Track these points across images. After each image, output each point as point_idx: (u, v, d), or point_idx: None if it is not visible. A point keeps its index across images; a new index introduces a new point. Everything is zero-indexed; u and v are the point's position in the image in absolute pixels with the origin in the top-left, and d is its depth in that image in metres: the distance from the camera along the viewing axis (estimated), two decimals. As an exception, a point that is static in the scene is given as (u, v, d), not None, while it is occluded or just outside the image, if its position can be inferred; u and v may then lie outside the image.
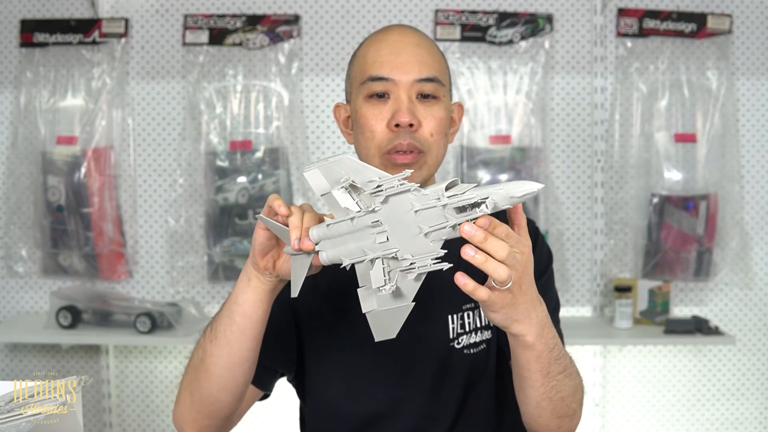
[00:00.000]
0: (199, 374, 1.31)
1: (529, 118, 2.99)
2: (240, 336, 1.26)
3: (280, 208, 1.17)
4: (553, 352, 1.21)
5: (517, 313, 1.13)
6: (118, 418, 3.16)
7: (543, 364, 1.20)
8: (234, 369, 1.29)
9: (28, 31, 3.03)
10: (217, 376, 1.30)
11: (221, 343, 1.27)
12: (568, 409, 1.27)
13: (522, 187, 1.04)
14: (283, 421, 3.12)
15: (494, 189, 1.03)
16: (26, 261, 3.07)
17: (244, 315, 1.25)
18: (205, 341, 1.30)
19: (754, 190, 3.04)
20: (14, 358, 3.14)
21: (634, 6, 2.98)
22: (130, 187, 3.08)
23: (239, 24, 3.00)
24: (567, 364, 1.25)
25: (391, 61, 1.37)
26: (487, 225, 1.04)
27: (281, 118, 3.02)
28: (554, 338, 1.21)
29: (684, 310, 3.05)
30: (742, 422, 3.12)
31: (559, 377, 1.23)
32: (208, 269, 3.02)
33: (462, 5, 3.01)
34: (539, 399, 1.24)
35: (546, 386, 1.22)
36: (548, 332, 1.19)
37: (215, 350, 1.28)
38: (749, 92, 3.01)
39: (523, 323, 1.14)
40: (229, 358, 1.28)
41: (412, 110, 1.36)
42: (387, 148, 1.37)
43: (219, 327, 1.28)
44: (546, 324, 1.18)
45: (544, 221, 2.97)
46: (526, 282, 1.12)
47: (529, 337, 1.16)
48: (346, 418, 1.45)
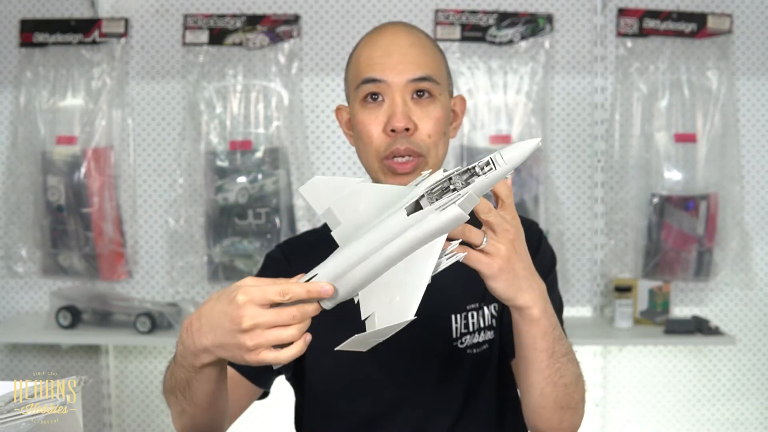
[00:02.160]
0: (178, 406, 1.26)
1: (529, 118, 2.99)
2: (209, 394, 1.21)
3: (307, 339, 1.06)
4: (556, 330, 1.20)
5: (519, 281, 1.12)
6: (117, 418, 3.16)
7: (548, 343, 1.19)
8: (210, 407, 1.25)
9: (27, 31, 3.03)
10: (197, 414, 1.26)
11: (203, 405, 1.23)
12: (570, 399, 1.26)
13: (519, 150, 1.02)
14: (284, 420, 3.12)
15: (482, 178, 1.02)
16: (26, 261, 3.07)
17: (210, 384, 1.19)
18: (174, 386, 1.24)
19: (755, 191, 3.04)
20: (14, 358, 3.14)
21: (634, 6, 2.98)
22: (129, 187, 3.07)
23: (239, 24, 3.00)
24: (569, 348, 1.25)
25: (383, 63, 1.36)
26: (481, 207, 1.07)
27: (281, 118, 3.02)
28: (554, 316, 1.20)
29: (684, 311, 3.05)
30: (743, 422, 3.12)
31: (562, 360, 1.22)
32: (208, 269, 3.02)
33: (462, 5, 3.01)
34: (543, 384, 1.23)
35: (551, 368, 1.21)
36: (550, 309, 1.18)
37: (184, 401, 1.23)
38: (749, 92, 3.01)
39: (528, 293, 1.14)
40: (213, 407, 1.25)
41: (407, 113, 1.35)
42: (385, 154, 1.36)
43: (198, 396, 1.21)
44: (547, 299, 1.18)
45: (544, 221, 2.97)
46: (520, 246, 1.12)
47: (535, 310, 1.15)
48: (346, 416, 1.45)
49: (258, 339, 1.01)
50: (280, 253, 1.54)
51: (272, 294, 1.01)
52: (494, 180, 1.02)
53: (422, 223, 1.02)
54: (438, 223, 1.02)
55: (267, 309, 1.02)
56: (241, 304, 1.01)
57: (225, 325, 1.03)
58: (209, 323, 1.06)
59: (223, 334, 1.04)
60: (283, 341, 1.02)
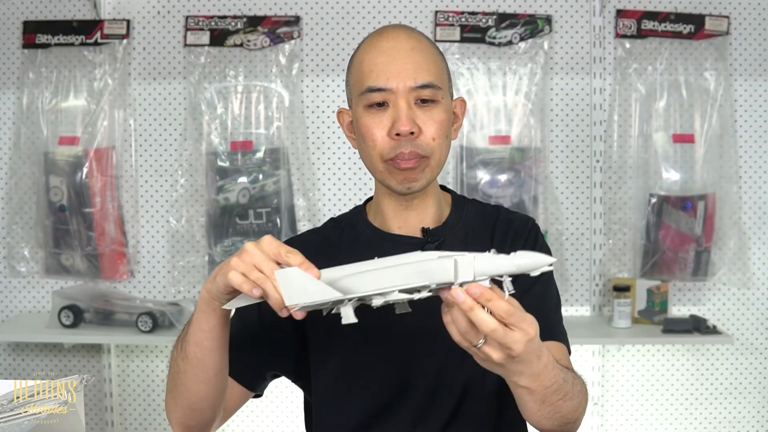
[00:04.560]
0: (178, 386, 1.33)
1: (528, 118, 3.00)
2: (211, 354, 1.28)
3: (254, 291, 1.13)
4: (551, 388, 1.19)
5: (510, 374, 1.13)
6: (119, 417, 3.18)
7: (537, 398, 1.19)
8: (209, 382, 1.31)
9: (30, 33, 3.05)
10: (194, 389, 1.32)
11: (193, 363, 1.29)
12: (568, 422, 1.27)
13: (534, 262, 1.06)
14: (284, 420, 3.14)
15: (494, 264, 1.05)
16: (29, 261, 3.09)
17: (212, 339, 1.27)
18: (178, 358, 1.32)
19: (752, 191, 3.05)
20: (17, 357, 3.16)
21: (633, 7, 2.99)
22: (131, 187, 3.09)
23: (240, 25, 3.01)
24: (567, 391, 1.23)
25: (387, 70, 1.37)
26: (479, 294, 1.04)
27: (282, 119, 3.03)
28: (554, 377, 1.18)
29: (682, 310, 3.06)
30: (740, 421, 3.14)
31: (558, 403, 1.22)
32: (209, 269, 3.04)
33: (461, 6, 3.02)
34: (537, 420, 1.25)
35: (542, 411, 1.22)
36: (546, 376, 1.16)
37: (188, 368, 1.30)
38: (747, 93, 3.02)
39: (524, 379, 1.14)
40: (203, 374, 1.30)
41: (412, 117, 1.37)
42: (389, 156, 1.38)
43: (189, 349, 1.29)
44: (547, 368, 1.15)
45: (543, 221, 2.99)
46: (532, 355, 1.10)
47: (530, 388, 1.16)
48: (351, 413, 1.46)
49: (241, 262, 1.14)
50: None
51: (282, 249, 1.14)
52: (500, 264, 1.05)
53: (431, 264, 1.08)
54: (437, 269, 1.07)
55: (267, 256, 1.13)
56: (253, 243, 1.16)
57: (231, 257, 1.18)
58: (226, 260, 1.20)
59: (225, 261, 1.18)
60: (248, 276, 1.13)
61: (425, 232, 1.45)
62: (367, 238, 1.48)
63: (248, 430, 3.15)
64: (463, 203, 1.53)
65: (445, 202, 1.51)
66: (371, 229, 1.49)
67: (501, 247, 1.11)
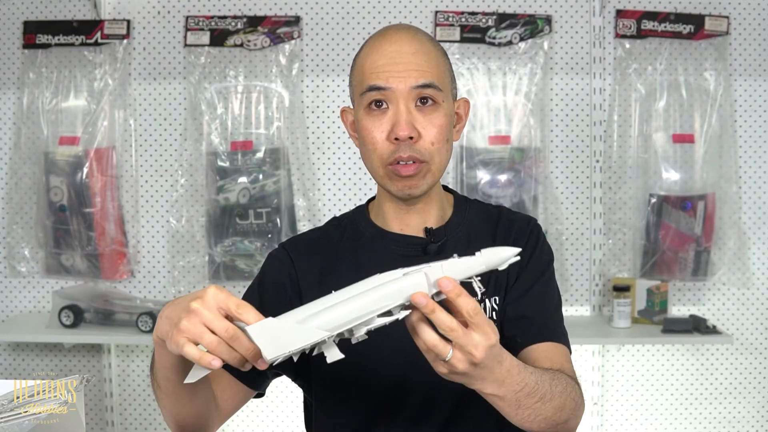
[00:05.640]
0: (161, 407, 1.33)
1: (528, 118, 3.00)
2: (181, 385, 1.23)
3: (213, 363, 1.06)
4: (522, 391, 1.18)
5: (477, 382, 1.13)
6: (119, 417, 3.18)
7: (511, 404, 1.18)
8: (189, 404, 1.30)
9: (30, 33, 3.05)
10: (176, 411, 1.31)
11: (167, 392, 1.28)
12: (558, 423, 1.26)
13: (501, 257, 1.06)
14: (285, 420, 3.14)
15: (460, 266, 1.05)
16: (29, 261, 3.09)
17: (178, 372, 1.22)
18: (153, 385, 1.30)
19: (752, 191, 3.05)
20: (17, 357, 3.16)
21: (633, 7, 3.00)
22: (131, 187, 3.10)
23: (240, 25, 3.02)
24: (545, 392, 1.21)
25: (388, 71, 1.37)
26: (450, 288, 1.04)
27: (282, 119, 3.03)
28: (522, 380, 1.17)
29: (682, 310, 3.06)
30: (740, 420, 3.14)
31: (535, 406, 1.20)
32: (209, 269, 3.04)
33: (461, 6, 3.02)
34: (520, 424, 1.23)
35: (521, 415, 1.20)
36: (511, 381, 1.15)
37: (163, 396, 1.28)
38: (746, 93, 3.03)
39: (490, 386, 1.14)
40: (180, 400, 1.29)
41: (411, 122, 1.36)
42: (389, 160, 1.38)
43: (159, 381, 1.26)
44: (510, 373, 1.15)
45: (543, 221, 2.99)
46: (493, 361, 1.10)
47: (493, 393, 1.15)
48: (350, 413, 1.46)
49: (191, 325, 1.06)
50: (283, 251, 1.54)
51: (230, 303, 1.07)
52: (466, 265, 1.05)
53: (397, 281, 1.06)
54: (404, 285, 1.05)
55: (217, 312, 1.07)
56: (198, 301, 1.07)
57: (179, 305, 1.10)
58: (173, 306, 1.13)
59: (174, 309, 1.10)
60: (200, 341, 1.06)
61: (428, 232, 1.45)
62: (370, 238, 1.48)
63: (248, 430, 3.16)
64: (465, 204, 1.53)
65: (447, 202, 1.51)
66: (373, 228, 1.49)
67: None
